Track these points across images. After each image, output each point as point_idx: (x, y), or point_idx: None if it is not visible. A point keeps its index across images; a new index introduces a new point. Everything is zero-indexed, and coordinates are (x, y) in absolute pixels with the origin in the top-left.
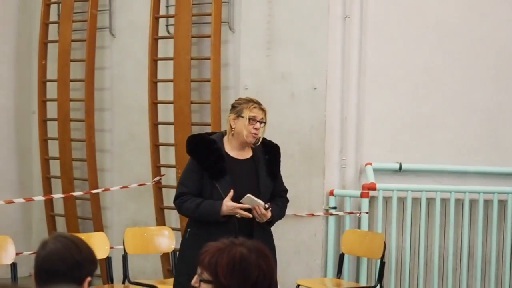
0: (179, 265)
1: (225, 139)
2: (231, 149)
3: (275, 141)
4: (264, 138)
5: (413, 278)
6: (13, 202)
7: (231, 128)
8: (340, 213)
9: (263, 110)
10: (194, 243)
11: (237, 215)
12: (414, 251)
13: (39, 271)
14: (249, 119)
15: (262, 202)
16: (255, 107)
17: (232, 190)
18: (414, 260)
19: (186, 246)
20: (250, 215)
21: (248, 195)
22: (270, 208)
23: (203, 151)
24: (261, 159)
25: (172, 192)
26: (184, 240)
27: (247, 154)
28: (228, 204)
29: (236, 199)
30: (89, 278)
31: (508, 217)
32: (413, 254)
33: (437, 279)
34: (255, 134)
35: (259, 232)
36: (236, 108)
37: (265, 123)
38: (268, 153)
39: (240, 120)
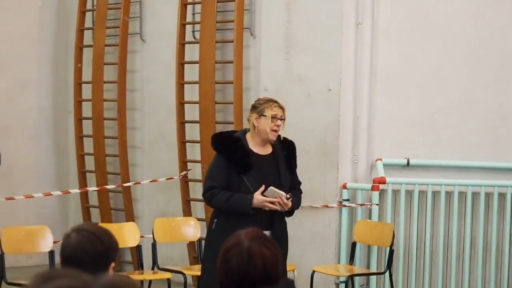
0: (206, 253)
1: (248, 136)
2: (254, 145)
3: (292, 139)
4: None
5: (419, 264)
6: (51, 194)
7: (254, 126)
8: (353, 205)
9: (282, 108)
10: (220, 232)
11: (265, 208)
12: (420, 240)
13: (66, 264)
14: (271, 117)
15: (284, 193)
16: (275, 106)
17: (263, 186)
18: (421, 248)
19: (213, 235)
20: (278, 208)
21: (271, 187)
22: (291, 198)
23: (230, 148)
24: (280, 155)
25: (198, 186)
26: (211, 230)
27: (268, 150)
28: (258, 198)
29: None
30: (112, 264)
31: (507, 209)
32: (419, 243)
33: (441, 265)
34: (277, 130)
35: (278, 221)
36: (258, 108)
37: (284, 119)
38: (286, 149)
39: (263, 119)
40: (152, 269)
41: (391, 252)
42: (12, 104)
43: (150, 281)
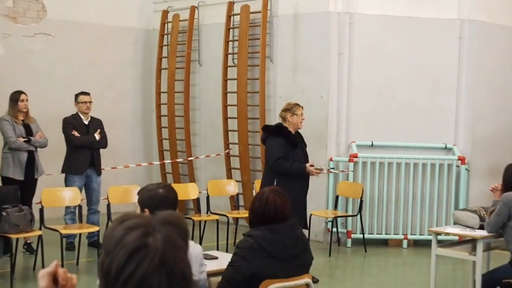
0: None
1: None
2: None
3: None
4: None
5: (379, 210)
6: (141, 165)
7: (289, 121)
8: (336, 171)
9: (302, 107)
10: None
11: (311, 175)
12: (380, 194)
13: (154, 208)
14: (301, 114)
15: (324, 168)
16: (301, 107)
17: (312, 162)
18: (380, 199)
19: None
20: (318, 174)
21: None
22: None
23: (285, 133)
24: (299, 139)
25: (236, 159)
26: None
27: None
28: (309, 168)
29: (302, 161)
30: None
31: (436, 174)
32: (379, 196)
33: (394, 211)
34: (302, 122)
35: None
36: (291, 110)
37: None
38: (300, 135)
39: (295, 116)
40: (206, 213)
41: (361, 202)
42: (116, 107)
43: (205, 221)
